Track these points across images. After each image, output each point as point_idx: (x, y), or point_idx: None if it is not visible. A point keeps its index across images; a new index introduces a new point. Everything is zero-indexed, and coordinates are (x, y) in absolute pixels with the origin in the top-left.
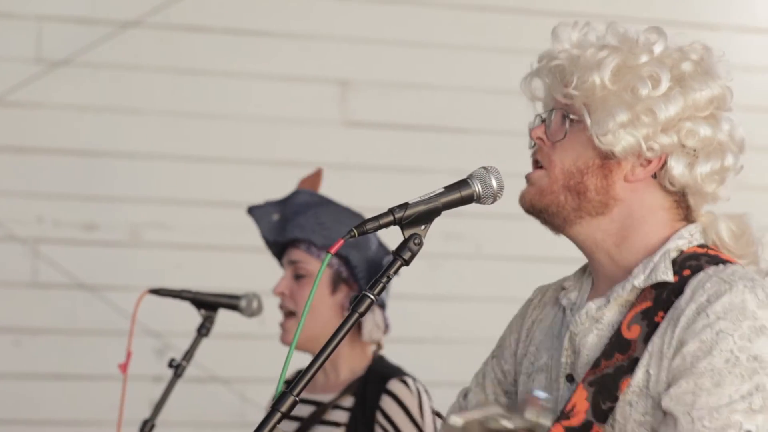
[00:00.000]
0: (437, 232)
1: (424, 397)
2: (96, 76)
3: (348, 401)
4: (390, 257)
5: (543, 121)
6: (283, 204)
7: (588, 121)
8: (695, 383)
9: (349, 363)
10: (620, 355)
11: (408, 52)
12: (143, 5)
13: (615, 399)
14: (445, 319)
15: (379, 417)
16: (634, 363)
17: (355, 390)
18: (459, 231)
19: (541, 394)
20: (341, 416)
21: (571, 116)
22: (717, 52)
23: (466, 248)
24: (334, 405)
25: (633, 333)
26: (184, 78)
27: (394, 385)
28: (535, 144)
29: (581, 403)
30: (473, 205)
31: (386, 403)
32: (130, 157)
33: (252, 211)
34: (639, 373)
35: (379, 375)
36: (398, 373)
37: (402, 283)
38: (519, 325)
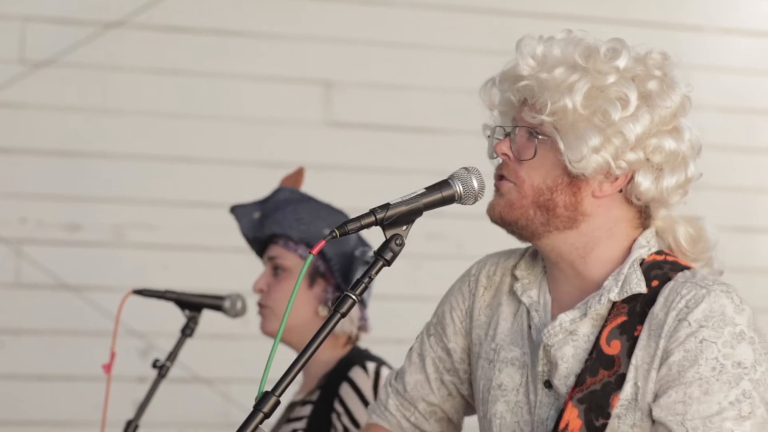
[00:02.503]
0: (419, 233)
1: (383, 381)
2: (80, 76)
3: (315, 395)
4: (367, 248)
5: (507, 134)
6: (264, 202)
7: (561, 145)
8: (684, 392)
9: (325, 359)
10: (606, 372)
11: (392, 54)
12: (127, 6)
13: (608, 416)
14: (427, 319)
15: (336, 403)
16: (621, 379)
17: (323, 383)
18: (441, 231)
19: None
20: (306, 410)
21: (540, 136)
22: (673, 55)
23: (447, 248)
24: (304, 401)
25: (614, 349)
26: (168, 78)
27: (353, 371)
28: (497, 156)
29: (574, 421)
30: (455, 206)
31: (343, 389)
32: (114, 157)
33: (234, 210)
34: (627, 388)
35: (345, 365)
36: (365, 359)
37: (384, 283)
38: (462, 302)
